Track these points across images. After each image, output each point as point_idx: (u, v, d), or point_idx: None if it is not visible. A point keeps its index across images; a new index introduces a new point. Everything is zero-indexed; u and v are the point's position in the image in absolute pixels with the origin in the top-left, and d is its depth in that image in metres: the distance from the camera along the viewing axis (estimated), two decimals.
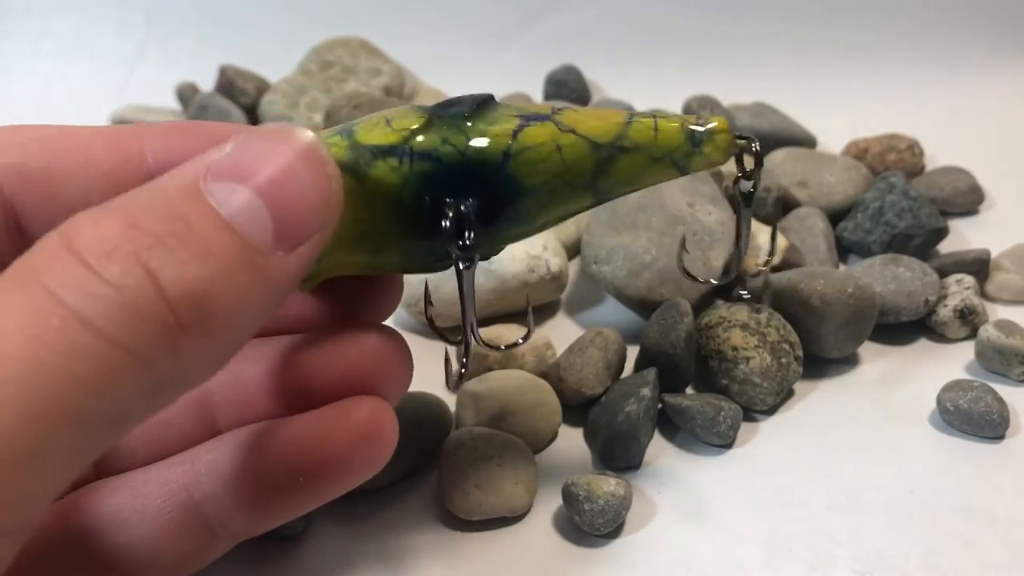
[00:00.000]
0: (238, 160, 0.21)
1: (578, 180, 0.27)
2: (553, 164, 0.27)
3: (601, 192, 0.28)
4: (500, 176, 0.26)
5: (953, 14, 0.69)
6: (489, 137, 0.26)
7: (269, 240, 0.20)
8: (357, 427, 0.26)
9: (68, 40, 0.74)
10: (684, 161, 0.28)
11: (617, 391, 0.38)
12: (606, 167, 0.27)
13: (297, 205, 0.21)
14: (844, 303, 0.40)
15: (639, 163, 0.27)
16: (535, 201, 0.27)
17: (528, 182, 0.26)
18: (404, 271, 0.28)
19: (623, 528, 0.34)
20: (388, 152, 0.26)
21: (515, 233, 0.28)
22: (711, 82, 0.64)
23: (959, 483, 0.36)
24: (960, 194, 0.54)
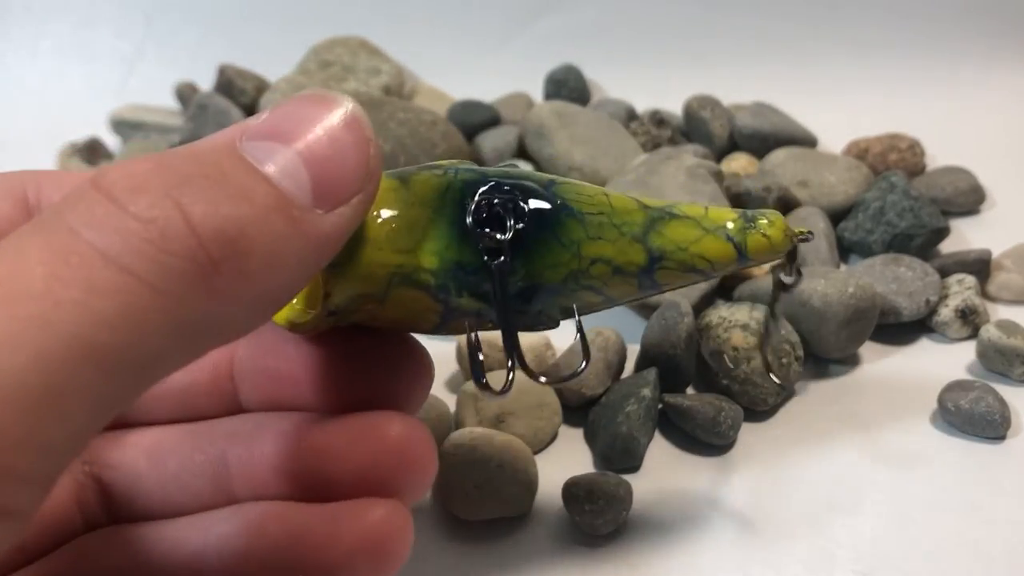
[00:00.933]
0: (276, 123, 0.20)
1: (627, 227, 0.27)
2: (600, 202, 0.27)
3: (654, 254, 0.27)
4: (547, 192, 0.26)
5: (954, 13, 0.69)
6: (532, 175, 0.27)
7: (308, 196, 0.20)
8: (366, 534, 0.24)
9: (67, 40, 0.74)
10: (740, 238, 0.27)
11: (617, 391, 0.38)
12: (657, 225, 0.27)
13: (336, 164, 0.20)
14: (845, 303, 0.40)
15: (691, 231, 0.27)
16: (582, 228, 0.26)
17: (574, 205, 0.26)
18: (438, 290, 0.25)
19: (623, 529, 0.34)
20: (434, 167, 0.26)
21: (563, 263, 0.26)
22: (711, 82, 0.64)
23: (960, 483, 0.36)
24: (961, 194, 0.54)
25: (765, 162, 0.56)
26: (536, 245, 0.25)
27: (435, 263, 0.25)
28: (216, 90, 0.66)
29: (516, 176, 0.26)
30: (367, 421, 0.25)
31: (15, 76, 0.73)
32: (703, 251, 0.27)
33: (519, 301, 0.26)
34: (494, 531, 0.34)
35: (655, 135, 0.59)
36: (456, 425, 0.38)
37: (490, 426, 0.37)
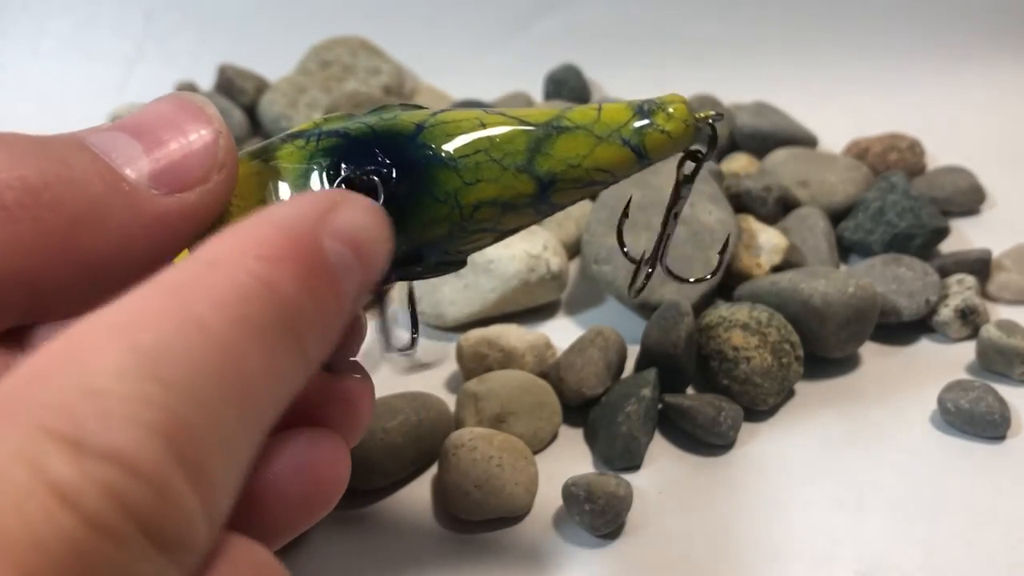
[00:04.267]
0: (128, 119, 0.23)
1: (510, 159, 0.24)
2: (477, 139, 0.24)
3: (544, 179, 0.24)
4: (412, 144, 0.24)
5: (954, 13, 0.69)
6: (403, 116, 0.25)
7: (143, 176, 0.21)
8: (309, 461, 0.23)
9: (67, 39, 0.74)
10: (636, 139, 0.24)
11: (617, 391, 0.38)
12: (543, 147, 0.24)
13: (177, 153, 0.22)
14: (845, 303, 0.40)
15: (581, 143, 0.24)
16: (457, 176, 0.24)
17: (446, 153, 0.24)
18: None
19: (623, 529, 0.34)
20: (298, 135, 0.25)
21: (443, 217, 0.25)
22: (711, 82, 0.64)
23: (960, 483, 0.36)
24: (961, 194, 0.54)
25: (765, 162, 0.56)
26: (409, 206, 0.24)
27: None
28: (216, 90, 0.66)
29: (383, 128, 0.25)
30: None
31: (15, 76, 0.73)
32: (598, 162, 0.25)
33: (405, 263, 0.25)
34: (494, 531, 0.34)
35: None
36: (456, 425, 0.38)
37: (490, 426, 0.37)
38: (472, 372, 0.40)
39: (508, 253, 0.44)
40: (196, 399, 0.15)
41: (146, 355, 0.15)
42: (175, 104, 0.23)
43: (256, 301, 0.17)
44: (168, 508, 0.15)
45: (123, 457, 0.14)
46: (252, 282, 0.17)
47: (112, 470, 0.14)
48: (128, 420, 0.15)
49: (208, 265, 0.17)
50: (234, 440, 0.17)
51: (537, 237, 0.46)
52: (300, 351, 0.18)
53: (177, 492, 0.15)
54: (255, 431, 0.17)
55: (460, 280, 0.45)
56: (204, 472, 0.16)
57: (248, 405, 0.17)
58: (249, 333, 0.17)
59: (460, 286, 0.45)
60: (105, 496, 0.14)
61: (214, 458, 0.16)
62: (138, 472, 0.14)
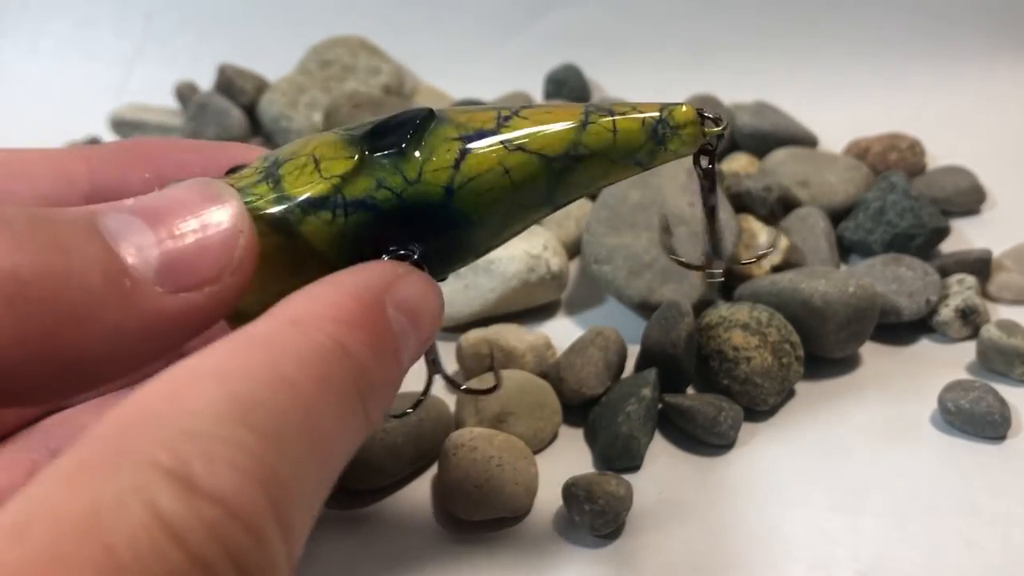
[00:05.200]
0: (147, 200, 0.21)
1: (532, 200, 0.25)
2: (502, 190, 0.24)
3: (558, 200, 0.26)
4: (446, 213, 0.24)
5: (955, 13, 0.69)
6: (427, 175, 0.24)
7: (150, 270, 0.20)
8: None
9: (66, 40, 0.74)
10: (647, 159, 0.26)
11: (617, 391, 0.38)
12: (562, 178, 0.25)
13: (193, 251, 0.20)
14: (845, 303, 0.40)
15: (598, 169, 0.25)
16: (489, 230, 0.25)
17: (477, 215, 0.24)
18: None
19: (623, 529, 0.34)
20: (319, 205, 0.23)
21: (469, 261, 0.26)
22: (711, 81, 0.64)
23: (960, 483, 0.36)
24: (961, 194, 0.54)
25: (765, 162, 0.56)
26: (439, 264, 0.25)
27: None
28: (216, 90, 0.66)
29: (411, 197, 0.24)
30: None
31: (15, 76, 0.73)
32: (609, 180, 0.26)
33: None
34: (494, 531, 0.34)
35: None
36: (456, 425, 0.38)
37: (490, 426, 0.37)
38: (472, 372, 0.40)
39: (508, 253, 0.44)
40: (284, 450, 0.16)
41: (243, 404, 0.16)
42: (198, 193, 0.21)
43: (335, 363, 0.18)
44: (261, 553, 0.16)
45: (227, 500, 0.15)
46: (331, 344, 0.18)
47: (216, 511, 0.15)
48: (229, 464, 0.15)
49: (291, 324, 0.18)
50: (312, 493, 0.18)
51: (537, 237, 0.46)
52: (364, 412, 0.19)
53: (269, 538, 0.16)
54: (326, 486, 0.18)
55: (460, 280, 0.45)
56: (290, 521, 0.16)
57: (324, 460, 0.18)
58: (328, 392, 0.18)
59: (460, 286, 0.45)
60: (209, 536, 0.15)
61: (297, 508, 0.17)
62: (239, 516, 0.15)
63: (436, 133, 0.24)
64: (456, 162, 0.24)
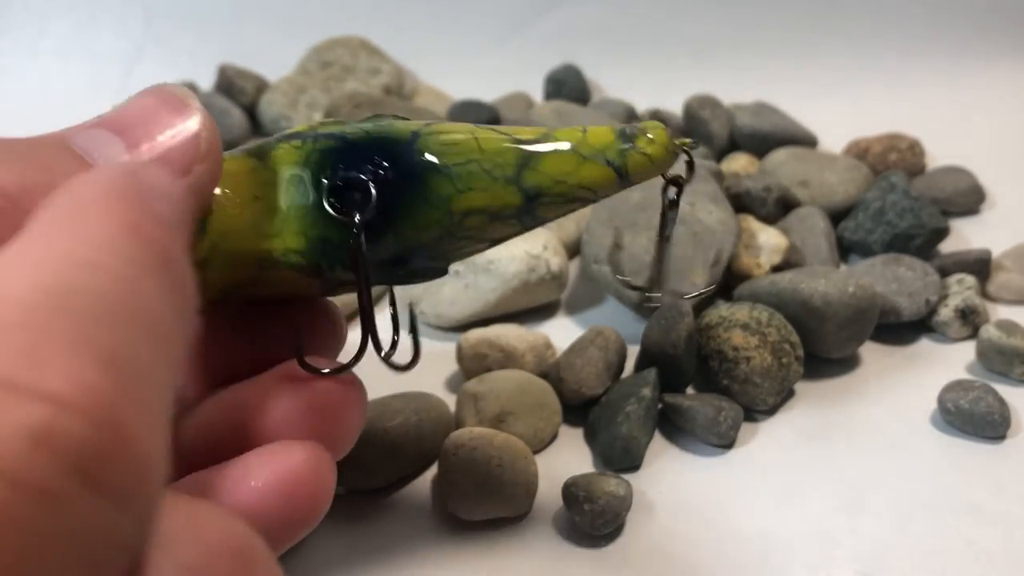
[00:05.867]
0: (113, 114, 0.23)
1: (500, 170, 0.25)
2: (468, 147, 0.25)
3: (530, 193, 0.26)
4: (408, 151, 0.25)
5: (954, 14, 0.69)
6: (398, 124, 0.26)
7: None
8: (279, 473, 0.22)
9: (67, 39, 0.74)
10: (619, 160, 0.26)
11: (617, 391, 0.38)
12: (531, 162, 0.25)
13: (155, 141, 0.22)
14: (845, 303, 0.40)
15: (568, 161, 0.26)
16: (450, 183, 0.25)
17: (440, 159, 0.25)
18: (310, 268, 0.25)
19: (623, 528, 0.34)
20: (294, 136, 0.26)
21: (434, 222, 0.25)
22: (711, 82, 0.64)
23: (960, 483, 0.36)
24: (961, 194, 0.54)
25: (765, 162, 0.56)
26: (403, 209, 0.25)
27: (302, 243, 0.25)
28: (216, 90, 0.66)
29: (378, 134, 0.25)
30: (289, 380, 0.25)
31: (15, 76, 0.73)
32: (582, 180, 0.26)
33: (395, 265, 0.26)
34: (494, 531, 0.34)
35: None
36: (456, 425, 0.38)
37: (490, 426, 0.37)
38: (472, 372, 0.40)
39: (508, 253, 0.44)
40: (113, 329, 0.14)
41: (54, 292, 0.14)
42: (158, 98, 0.22)
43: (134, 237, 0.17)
44: (120, 443, 0.13)
45: (59, 394, 0.13)
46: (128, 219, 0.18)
47: (40, 410, 0.12)
48: (56, 352, 0.13)
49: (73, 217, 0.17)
50: (160, 377, 0.15)
51: (537, 237, 0.46)
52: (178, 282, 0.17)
53: (124, 423, 0.13)
54: (172, 370, 0.16)
55: (460, 280, 0.45)
56: (146, 403, 0.14)
57: (156, 337, 0.15)
58: (139, 267, 0.16)
59: (460, 286, 0.45)
60: (31, 445, 0.12)
61: (149, 389, 0.14)
62: (78, 407, 0.13)
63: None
64: (427, 123, 0.26)
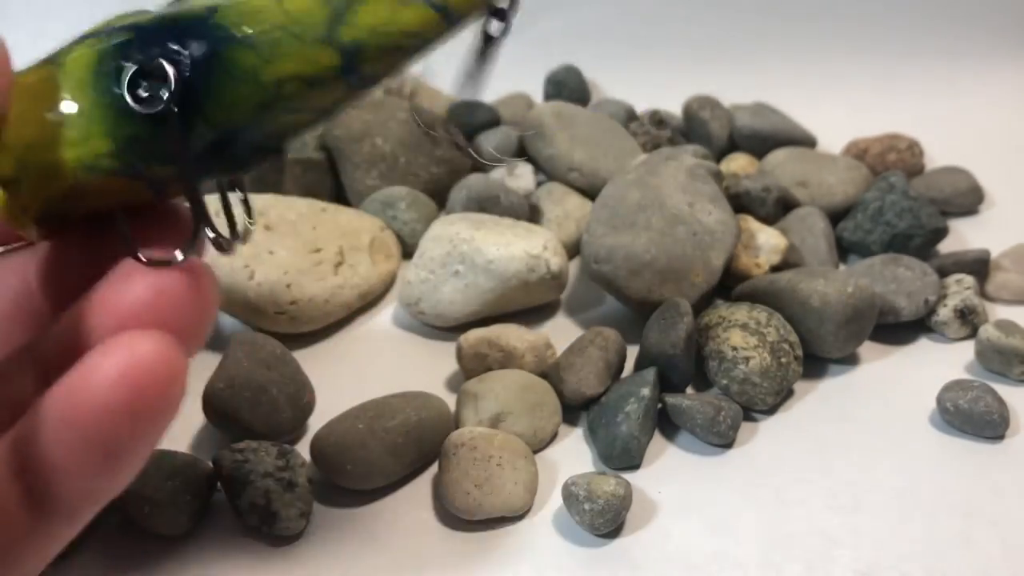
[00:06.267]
0: None
1: (309, 32, 0.24)
2: (271, 14, 0.24)
3: (348, 49, 0.24)
4: (203, 27, 0.24)
5: (953, 13, 0.69)
6: (196, 3, 0.24)
7: None
8: (126, 364, 0.20)
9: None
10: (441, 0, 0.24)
11: (617, 391, 0.38)
12: (344, 17, 0.24)
13: None
14: (844, 303, 0.40)
15: (384, 8, 0.24)
16: (253, 52, 0.24)
17: (240, 32, 0.23)
18: (127, 172, 0.24)
19: (623, 528, 0.34)
20: (91, 35, 0.25)
21: (245, 96, 0.24)
22: (711, 82, 0.64)
23: (959, 483, 0.36)
24: (960, 194, 0.54)
25: (764, 162, 0.56)
26: (208, 90, 0.24)
27: (110, 145, 0.24)
28: None
29: (172, 16, 0.24)
30: (129, 271, 0.23)
31: None
32: (403, 26, 0.24)
33: (216, 153, 0.25)
34: (494, 531, 0.34)
35: (655, 135, 0.59)
36: (456, 425, 0.38)
37: (490, 426, 0.37)
38: (472, 372, 0.41)
39: (508, 253, 0.44)
40: None
41: None
42: None
43: None
44: None
45: None
46: None
47: None
48: None
49: None
50: None
51: (537, 237, 0.46)
52: None
53: None
54: None
55: (460, 280, 0.45)
56: None
57: None
58: None
59: (460, 286, 0.45)
60: None
61: None
62: None
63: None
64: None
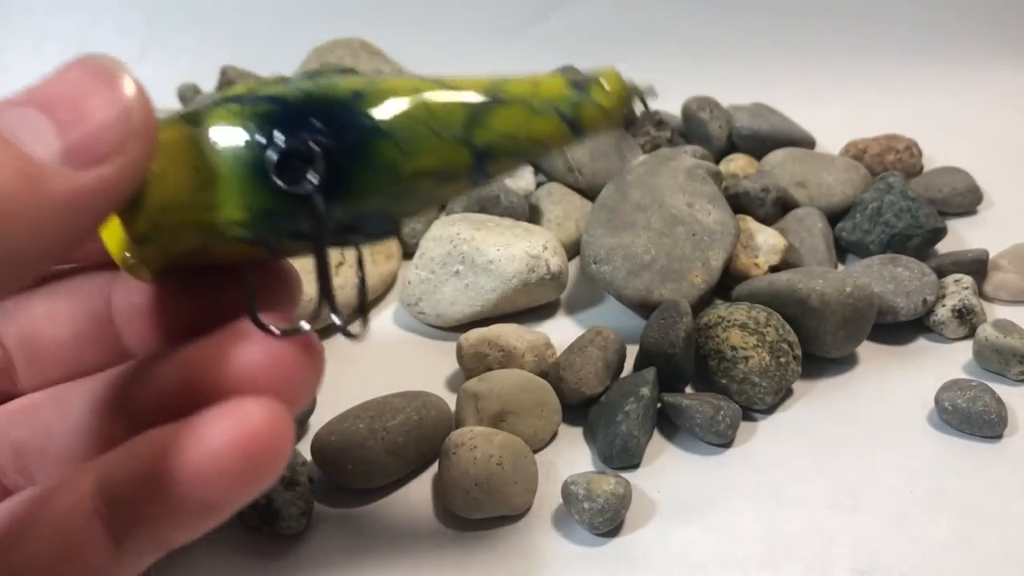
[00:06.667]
0: (36, 89, 0.21)
1: (448, 130, 0.24)
2: (414, 108, 0.24)
3: (480, 151, 0.24)
4: (350, 113, 0.24)
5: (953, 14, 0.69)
6: (340, 83, 0.24)
7: (55, 154, 0.20)
8: (236, 431, 0.22)
9: (69, 40, 0.74)
10: (573, 113, 0.25)
11: (617, 391, 0.39)
12: (481, 117, 0.24)
13: (86, 119, 0.20)
14: (843, 303, 0.40)
15: (519, 115, 0.25)
16: (395, 146, 0.24)
17: (384, 123, 0.24)
18: (256, 240, 0.24)
19: (622, 527, 0.34)
20: (233, 99, 0.24)
21: (381, 188, 0.24)
22: (711, 82, 0.64)
23: (958, 482, 0.36)
24: (958, 194, 0.54)
25: (763, 163, 0.56)
26: (349, 176, 0.24)
27: (244, 215, 0.23)
28: (218, 91, 0.66)
29: (320, 95, 0.24)
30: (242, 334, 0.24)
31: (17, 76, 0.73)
32: (533, 134, 0.25)
33: (344, 232, 0.25)
34: (494, 530, 0.34)
35: (654, 136, 0.59)
36: (456, 424, 0.38)
37: (490, 425, 0.37)
38: (472, 372, 0.41)
39: (508, 253, 0.45)
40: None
41: None
42: (85, 70, 0.21)
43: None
44: None
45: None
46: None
47: None
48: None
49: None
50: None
51: (537, 237, 0.46)
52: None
53: None
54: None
55: (460, 280, 0.45)
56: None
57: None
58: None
59: (460, 286, 0.45)
60: None
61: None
62: None
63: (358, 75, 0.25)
64: (370, 81, 0.24)
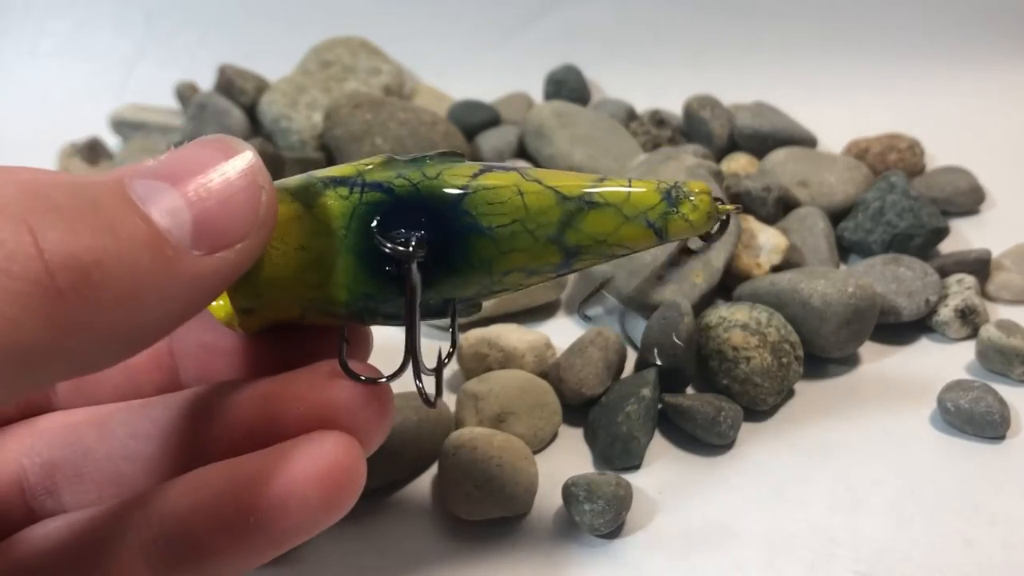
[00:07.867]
0: (170, 164, 0.21)
1: (542, 230, 0.26)
2: (514, 206, 0.25)
3: (570, 250, 0.26)
4: (454, 211, 0.25)
5: (954, 13, 0.69)
6: (446, 176, 0.26)
7: (187, 237, 0.20)
8: (315, 464, 0.23)
9: (67, 39, 0.74)
10: (660, 223, 0.26)
11: (617, 391, 0.38)
12: (574, 220, 0.26)
13: (223, 210, 0.21)
14: (845, 303, 0.40)
15: (610, 220, 0.26)
16: (493, 245, 0.25)
17: (485, 221, 0.25)
18: (351, 315, 0.26)
19: (623, 528, 0.34)
20: (340, 182, 0.25)
21: (475, 281, 0.26)
22: (711, 82, 0.64)
23: (960, 483, 0.36)
24: (961, 194, 0.54)
25: (765, 162, 0.56)
26: (446, 269, 0.25)
27: (345, 296, 0.25)
28: (216, 90, 0.66)
29: (427, 189, 0.25)
30: (322, 375, 0.25)
31: (15, 76, 0.73)
32: (622, 239, 0.26)
33: (434, 314, 0.27)
34: (494, 531, 0.34)
35: (655, 135, 0.59)
36: (456, 425, 0.38)
37: (490, 426, 0.37)
38: (472, 372, 0.41)
39: None
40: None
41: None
42: (218, 149, 0.22)
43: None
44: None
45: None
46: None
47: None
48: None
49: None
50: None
51: None
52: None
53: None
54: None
55: None
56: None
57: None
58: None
59: None
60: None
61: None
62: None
63: (463, 161, 0.27)
64: (475, 175, 0.26)
